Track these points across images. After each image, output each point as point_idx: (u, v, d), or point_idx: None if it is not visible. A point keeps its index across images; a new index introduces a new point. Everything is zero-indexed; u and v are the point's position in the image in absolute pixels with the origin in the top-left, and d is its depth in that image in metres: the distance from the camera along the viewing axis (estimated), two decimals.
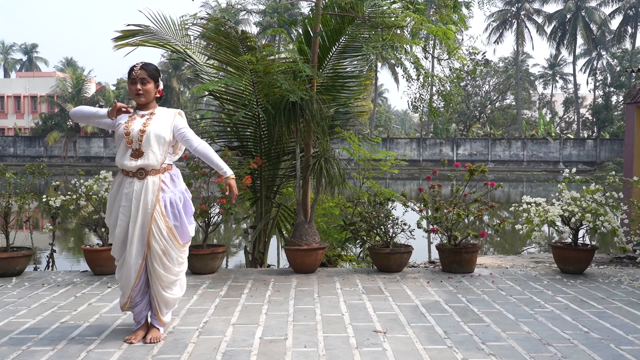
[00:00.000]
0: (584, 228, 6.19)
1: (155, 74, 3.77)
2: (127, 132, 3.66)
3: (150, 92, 3.75)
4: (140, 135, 3.65)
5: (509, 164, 41.29)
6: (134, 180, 3.67)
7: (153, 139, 3.67)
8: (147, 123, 3.70)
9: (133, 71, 3.70)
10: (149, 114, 3.76)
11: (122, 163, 3.67)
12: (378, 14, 6.09)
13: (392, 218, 6.37)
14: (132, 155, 3.65)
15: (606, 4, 49.13)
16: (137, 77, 3.70)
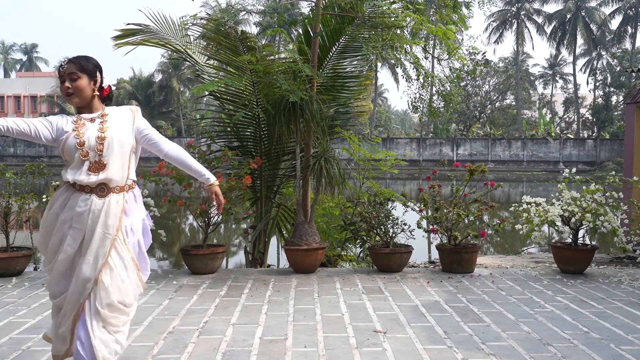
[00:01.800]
0: (584, 228, 6.19)
1: (89, 67, 2.98)
2: (81, 141, 2.89)
3: (84, 89, 2.95)
4: (100, 143, 2.90)
5: (509, 164, 41.28)
6: (92, 198, 2.90)
7: (117, 147, 2.95)
8: (103, 127, 2.96)
9: (60, 68, 2.98)
10: (99, 116, 3.00)
11: (76, 178, 2.89)
12: (378, 14, 6.09)
13: (392, 218, 6.37)
14: (91, 169, 2.90)
15: (606, 4, 49.12)
16: (65, 73, 2.95)
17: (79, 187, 2.92)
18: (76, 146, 2.90)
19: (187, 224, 15.62)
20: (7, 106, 52.97)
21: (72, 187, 2.95)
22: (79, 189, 2.93)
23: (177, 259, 10.31)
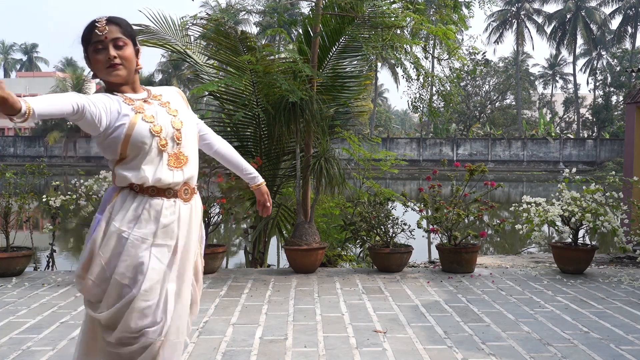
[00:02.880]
0: (584, 228, 6.19)
1: (132, 32, 2.27)
2: (157, 127, 2.19)
3: (132, 60, 2.22)
4: (177, 130, 2.25)
5: (509, 164, 41.29)
6: (178, 203, 2.25)
7: (190, 135, 2.32)
8: (171, 110, 2.29)
9: (96, 29, 2.15)
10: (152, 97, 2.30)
11: (158, 177, 2.18)
12: (378, 14, 6.09)
13: (392, 218, 6.37)
14: (171, 163, 2.23)
15: (606, 4, 49.14)
16: (106, 37, 2.16)
17: (156, 191, 2.20)
18: (152, 133, 2.17)
19: None
20: None
21: (141, 192, 2.19)
22: (155, 193, 2.20)
23: None
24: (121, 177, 2.19)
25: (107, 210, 2.19)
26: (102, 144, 2.20)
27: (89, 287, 2.19)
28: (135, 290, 2.12)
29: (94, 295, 2.18)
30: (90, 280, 2.17)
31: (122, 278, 2.13)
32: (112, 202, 2.20)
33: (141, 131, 2.15)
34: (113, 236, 2.15)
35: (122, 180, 2.20)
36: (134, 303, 2.12)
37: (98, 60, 2.17)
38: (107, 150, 2.19)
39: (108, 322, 2.16)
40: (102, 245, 2.15)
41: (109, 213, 2.19)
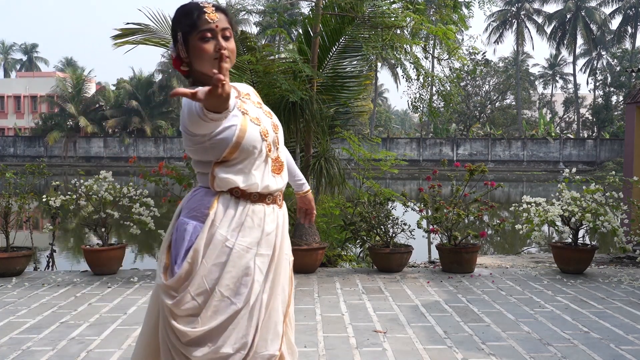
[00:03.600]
0: (584, 228, 6.19)
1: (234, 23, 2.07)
2: (264, 129, 2.04)
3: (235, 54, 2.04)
4: (276, 133, 2.11)
5: (509, 164, 41.28)
6: (276, 210, 2.10)
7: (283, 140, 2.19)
8: (264, 111, 2.12)
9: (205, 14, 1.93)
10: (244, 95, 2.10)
11: (265, 184, 2.03)
12: (378, 14, 6.09)
13: (392, 218, 6.38)
14: (274, 169, 2.09)
15: (606, 4, 49.13)
16: (217, 27, 1.94)
17: (258, 197, 2.02)
18: (262, 136, 2.01)
19: None
20: (7, 106, 52.95)
21: (242, 197, 2.00)
22: (257, 199, 2.02)
23: None
24: (223, 181, 1.96)
25: (208, 217, 1.96)
26: (202, 145, 1.92)
27: (185, 301, 1.91)
28: (240, 303, 1.94)
29: (188, 309, 1.91)
30: (189, 294, 1.91)
31: (225, 290, 1.93)
32: (214, 208, 1.96)
33: (253, 134, 1.98)
34: (218, 245, 1.94)
35: (223, 184, 1.97)
36: (238, 318, 1.94)
37: (205, 50, 1.93)
38: (207, 152, 1.94)
39: (199, 338, 1.92)
40: (206, 255, 1.93)
41: (210, 220, 1.95)
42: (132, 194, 6.28)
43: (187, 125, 1.87)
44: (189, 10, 1.95)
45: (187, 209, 2.03)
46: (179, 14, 1.97)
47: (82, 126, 44.55)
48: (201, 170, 2.02)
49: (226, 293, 1.93)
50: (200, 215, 1.98)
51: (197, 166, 2.03)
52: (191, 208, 2.01)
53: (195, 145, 1.94)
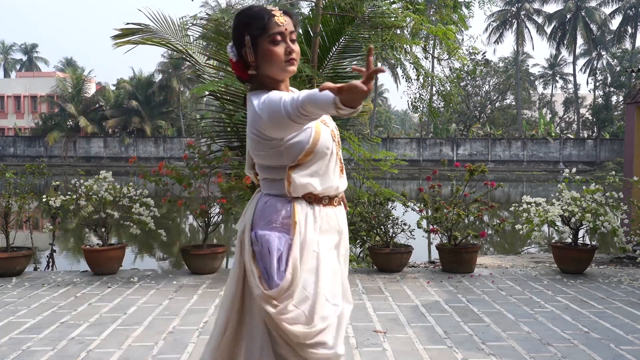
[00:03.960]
0: (584, 228, 6.19)
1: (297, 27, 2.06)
2: (333, 132, 2.06)
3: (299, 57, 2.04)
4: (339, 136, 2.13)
5: (509, 164, 41.27)
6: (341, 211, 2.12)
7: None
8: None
9: (275, 17, 1.93)
10: None
11: (336, 186, 2.05)
12: (378, 14, 6.09)
13: (392, 218, 6.38)
14: (340, 169, 2.10)
15: (606, 4, 49.12)
16: (286, 29, 1.96)
17: (328, 200, 2.03)
18: (332, 138, 2.02)
19: (187, 224, 15.62)
20: (7, 106, 52.95)
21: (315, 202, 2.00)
22: (327, 202, 2.03)
23: (177, 259, 10.31)
24: (300, 185, 1.94)
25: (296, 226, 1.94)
26: (277, 149, 1.91)
27: (288, 310, 1.90)
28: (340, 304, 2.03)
29: (294, 318, 1.91)
30: (292, 304, 1.91)
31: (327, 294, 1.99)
32: (297, 217, 1.94)
33: (326, 136, 1.97)
34: (309, 252, 1.95)
35: (300, 188, 1.94)
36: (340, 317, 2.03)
37: (275, 53, 1.93)
38: (282, 156, 1.92)
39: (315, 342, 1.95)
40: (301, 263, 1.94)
41: (298, 229, 1.94)
42: (132, 194, 6.28)
43: (264, 129, 1.86)
44: (259, 14, 1.94)
45: (263, 220, 1.97)
46: (248, 18, 1.95)
47: (82, 126, 44.55)
48: (270, 176, 1.99)
49: (328, 297, 1.97)
50: (280, 226, 1.95)
51: (266, 172, 1.99)
52: (268, 219, 1.96)
53: (270, 150, 1.91)
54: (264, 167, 1.99)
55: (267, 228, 1.95)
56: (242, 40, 1.95)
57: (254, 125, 1.90)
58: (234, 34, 1.99)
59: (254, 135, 1.91)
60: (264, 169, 2.00)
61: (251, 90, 1.98)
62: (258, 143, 1.91)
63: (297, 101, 1.75)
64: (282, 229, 1.95)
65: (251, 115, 1.91)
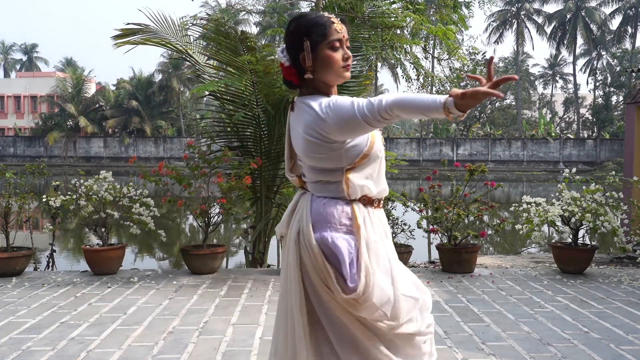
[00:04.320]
0: (584, 228, 6.19)
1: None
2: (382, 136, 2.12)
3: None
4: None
5: (509, 164, 41.27)
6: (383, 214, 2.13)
7: None
8: None
9: (334, 25, 2.02)
10: None
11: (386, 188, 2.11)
12: (378, 14, 6.10)
13: (392, 218, 6.37)
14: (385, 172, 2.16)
15: (606, 4, 49.12)
16: (344, 36, 2.07)
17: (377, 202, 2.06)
18: (382, 145, 2.08)
19: (187, 224, 15.62)
20: (7, 106, 52.95)
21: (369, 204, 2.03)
22: (377, 204, 2.06)
23: (177, 259, 10.32)
24: (359, 187, 1.97)
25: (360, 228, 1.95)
26: (338, 151, 1.93)
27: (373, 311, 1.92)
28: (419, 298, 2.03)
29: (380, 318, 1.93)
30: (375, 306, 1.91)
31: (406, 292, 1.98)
32: (358, 218, 1.96)
33: (379, 141, 2.03)
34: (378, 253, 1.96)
35: (358, 190, 1.97)
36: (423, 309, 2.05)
37: (334, 59, 2.00)
38: (341, 159, 1.95)
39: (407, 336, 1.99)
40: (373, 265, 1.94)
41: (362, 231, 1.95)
42: (132, 194, 6.29)
43: (329, 131, 1.89)
44: (320, 21, 1.99)
45: (323, 222, 1.96)
46: (310, 24, 1.99)
47: (82, 126, 44.55)
48: (325, 178, 1.99)
49: (406, 293, 1.97)
50: (343, 227, 1.96)
51: (320, 174, 2.00)
52: (330, 221, 1.95)
53: (330, 152, 1.93)
54: (318, 170, 1.99)
55: (331, 230, 1.94)
56: (299, 45, 1.97)
57: (313, 128, 1.91)
58: (290, 38, 2.01)
59: (313, 138, 1.92)
60: (317, 172, 2.00)
61: (303, 95, 2.02)
62: (319, 146, 1.92)
63: (380, 105, 1.79)
64: (346, 231, 1.95)
65: (310, 119, 1.93)
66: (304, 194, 2.07)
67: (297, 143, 2.02)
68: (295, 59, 1.99)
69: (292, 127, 2.06)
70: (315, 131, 1.91)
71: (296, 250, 1.96)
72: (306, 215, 1.98)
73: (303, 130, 1.95)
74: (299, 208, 2.05)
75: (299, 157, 2.06)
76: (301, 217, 2.00)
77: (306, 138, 1.94)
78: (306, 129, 1.94)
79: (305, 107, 1.96)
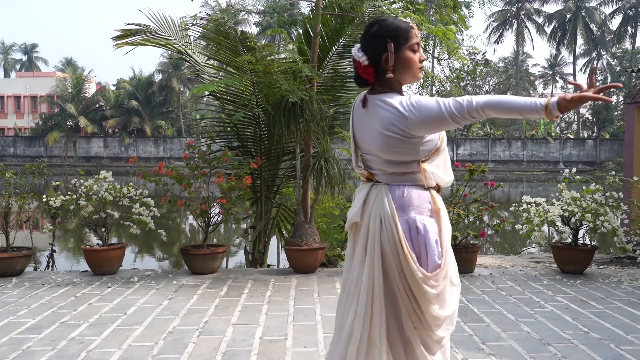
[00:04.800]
0: (584, 228, 6.19)
1: None
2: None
3: None
4: None
5: (509, 164, 41.27)
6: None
7: None
8: None
9: (413, 29, 2.16)
10: None
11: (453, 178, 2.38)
12: (378, 14, 6.09)
13: None
14: None
15: (606, 4, 49.14)
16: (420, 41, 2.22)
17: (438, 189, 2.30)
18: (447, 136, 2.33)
19: (187, 224, 15.63)
20: (7, 106, 52.95)
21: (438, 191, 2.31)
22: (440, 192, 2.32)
23: (177, 259, 10.32)
24: (434, 176, 2.21)
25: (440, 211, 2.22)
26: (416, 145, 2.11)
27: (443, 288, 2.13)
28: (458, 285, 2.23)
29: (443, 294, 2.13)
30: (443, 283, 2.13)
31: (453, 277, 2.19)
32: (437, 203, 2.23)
33: (445, 136, 2.24)
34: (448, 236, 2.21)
35: (434, 178, 2.21)
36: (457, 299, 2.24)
37: (413, 60, 2.15)
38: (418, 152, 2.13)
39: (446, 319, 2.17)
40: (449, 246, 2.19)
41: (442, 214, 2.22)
42: (132, 194, 6.29)
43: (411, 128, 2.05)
44: (403, 25, 2.15)
45: (408, 206, 2.15)
46: (393, 27, 2.13)
47: (82, 126, 44.55)
48: (401, 170, 2.15)
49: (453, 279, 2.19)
50: (425, 210, 2.18)
51: (396, 167, 2.15)
52: (414, 205, 2.15)
53: (410, 147, 2.10)
54: (395, 162, 2.15)
55: (416, 213, 2.15)
56: (382, 46, 2.10)
57: (395, 124, 2.06)
58: (372, 40, 2.13)
59: (393, 134, 2.07)
60: (394, 164, 2.15)
61: (376, 93, 2.14)
62: (399, 141, 2.07)
63: (470, 105, 1.99)
64: (431, 215, 2.18)
65: (390, 116, 2.07)
66: (375, 185, 2.19)
67: (369, 138, 2.16)
68: (374, 59, 2.12)
69: (363, 122, 2.19)
70: (396, 127, 2.06)
71: (377, 235, 2.10)
72: (388, 202, 2.13)
73: (381, 127, 2.08)
74: (374, 197, 2.17)
75: (368, 151, 2.19)
76: (381, 204, 2.13)
77: (385, 134, 2.08)
78: (386, 124, 2.08)
79: (382, 104, 2.10)
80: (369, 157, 2.21)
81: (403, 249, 2.06)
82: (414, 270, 2.05)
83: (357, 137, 2.22)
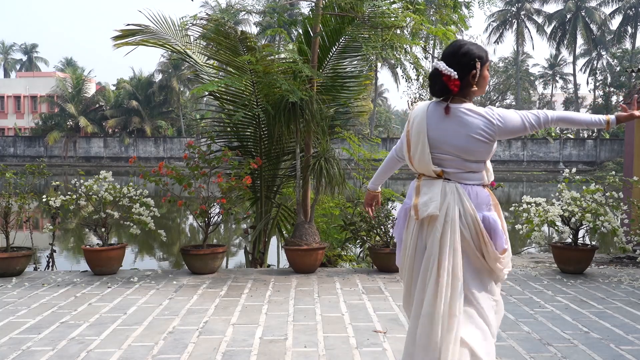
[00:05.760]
0: (584, 228, 6.19)
1: None
2: None
3: None
4: None
5: (509, 164, 41.27)
6: None
7: None
8: None
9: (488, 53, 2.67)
10: None
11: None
12: (378, 14, 6.09)
13: (392, 218, 6.37)
14: None
15: (606, 4, 49.12)
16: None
17: None
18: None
19: (187, 224, 15.63)
20: (7, 106, 52.96)
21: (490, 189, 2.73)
22: None
23: (177, 259, 10.32)
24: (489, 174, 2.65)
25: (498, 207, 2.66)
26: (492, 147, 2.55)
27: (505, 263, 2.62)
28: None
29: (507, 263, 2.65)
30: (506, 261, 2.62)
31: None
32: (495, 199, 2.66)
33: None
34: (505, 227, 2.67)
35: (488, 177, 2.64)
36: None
37: (488, 78, 2.65)
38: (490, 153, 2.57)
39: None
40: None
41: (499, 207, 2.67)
42: (132, 194, 6.29)
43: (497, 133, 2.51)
44: (484, 48, 2.63)
45: (481, 204, 2.58)
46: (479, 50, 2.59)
47: (82, 126, 44.56)
48: (474, 169, 2.57)
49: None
50: (489, 207, 2.61)
51: (472, 166, 2.56)
52: (485, 203, 2.60)
53: (490, 148, 2.54)
54: (472, 162, 2.55)
55: (487, 211, 2.59)
56: (473, 65, 2.53)
57: (485, 130, 2.50)
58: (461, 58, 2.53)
59: (482, 138, 2.50)
60: (471, 163, 2.56)
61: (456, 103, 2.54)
62: (485, 144, 2.50)
63: (546, 118, 2.54)
64: (494, 209, 2.62)
65: (481, 123, 2.50)
66: (448, 182, 2.56)
67: (452, 140, 2.52)
68: (461, 74, 2.51)
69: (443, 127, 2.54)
70: (486, 132, 2.49)
71: (457, 224, 2.51)
72: (467, 199, 2.54)
73: (472, 132, 2.49)
74: (450, 193, 2.55)
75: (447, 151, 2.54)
76: (459, 201, 2.54)
77: (475, 137, 2.49)
78: (475, 129, 2.49)
79: (469, 112, 2.52)
80: (444, 157, 2.55)
81: (484, 238, 2.53)
82: (492, 252, 2.54)
83: (434, 138, 2.55)
